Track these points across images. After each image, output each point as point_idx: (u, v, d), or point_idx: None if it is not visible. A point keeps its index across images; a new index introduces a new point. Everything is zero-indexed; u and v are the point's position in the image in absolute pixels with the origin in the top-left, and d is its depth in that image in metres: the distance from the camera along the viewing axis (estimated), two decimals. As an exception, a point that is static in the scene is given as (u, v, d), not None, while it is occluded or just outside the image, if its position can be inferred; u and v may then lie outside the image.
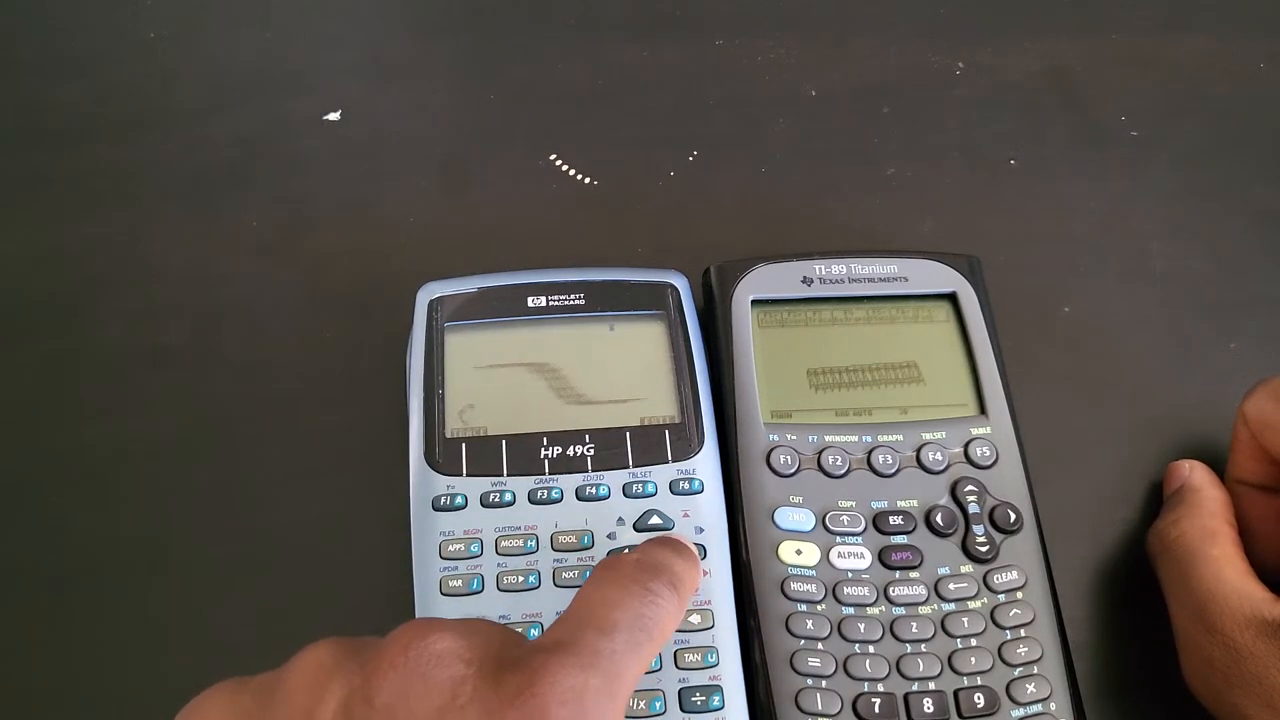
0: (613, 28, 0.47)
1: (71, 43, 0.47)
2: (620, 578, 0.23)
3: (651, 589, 0.23)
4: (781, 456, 0.32)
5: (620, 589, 0.23)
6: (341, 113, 0.44)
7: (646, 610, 0.22)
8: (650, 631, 0.22)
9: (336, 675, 0.20)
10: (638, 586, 0.23)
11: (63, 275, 0.40)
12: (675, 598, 0.23)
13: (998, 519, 0.32)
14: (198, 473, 0.36)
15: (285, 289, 0.40)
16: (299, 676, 0.20)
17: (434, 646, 0.20)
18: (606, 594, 0.23)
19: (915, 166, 0.43)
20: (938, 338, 0.35)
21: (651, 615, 0.23)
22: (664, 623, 0.23)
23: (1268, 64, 0.47)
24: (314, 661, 0.20)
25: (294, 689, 0.20)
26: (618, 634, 0.21)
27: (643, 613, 0.22)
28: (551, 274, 0.35)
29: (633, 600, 0.23)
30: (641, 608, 0.22)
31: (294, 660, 0.21)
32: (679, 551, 0.25)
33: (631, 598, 0.23)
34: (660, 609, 0.23)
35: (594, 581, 0.23)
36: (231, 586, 0.34)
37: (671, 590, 0.24)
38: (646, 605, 0.23)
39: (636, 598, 0.23)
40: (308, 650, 0.21)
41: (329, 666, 0.20)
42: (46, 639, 0.33)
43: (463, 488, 0.31)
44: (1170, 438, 0.37)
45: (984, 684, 0.29)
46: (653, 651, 0.22)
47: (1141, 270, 0.41)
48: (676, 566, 0.24)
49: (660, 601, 0.23)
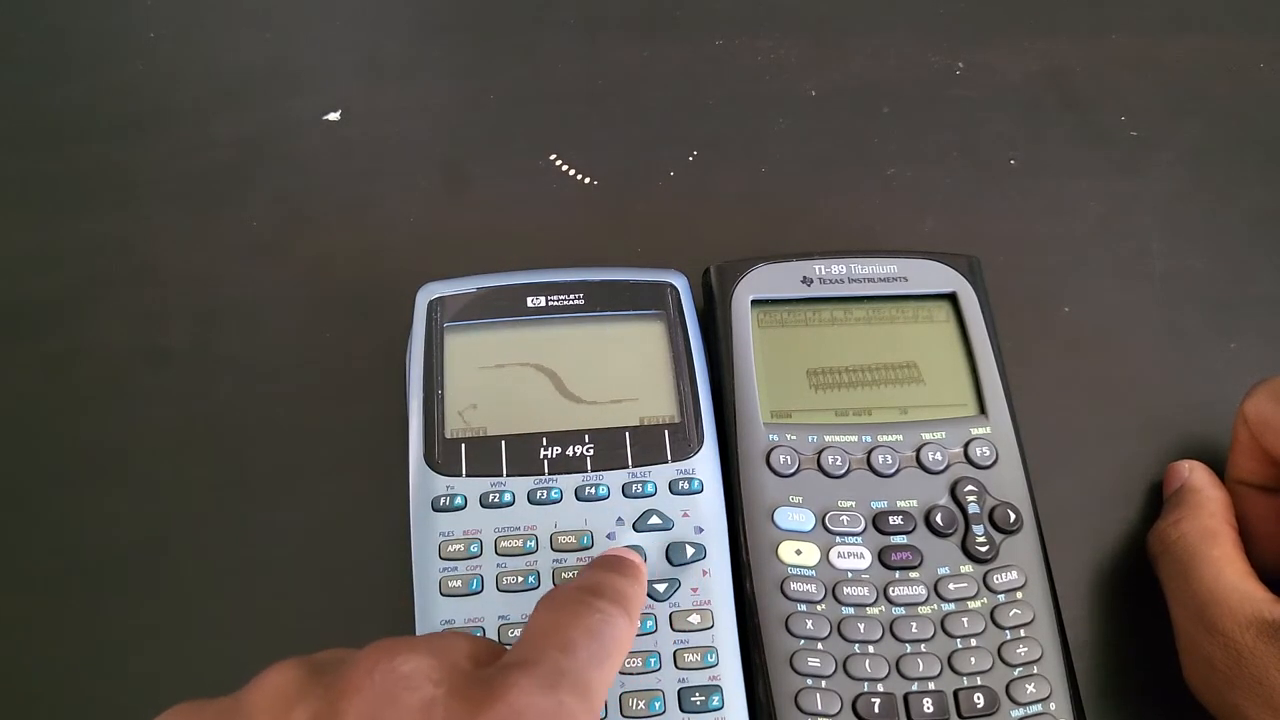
0: (613, 28, 0.47)
1: (71, 43, 0.47)
2: (566, 602, 0.23)
3: (597, 606, 0.23)
4: (781, 456, 0.32)
5: (568, 612, 0.23)
6: (341, 113, 0.44)
7: (598, 627, 0.22)
8: (607, 647, 0.22)
9: (301, 699, 0.19)
10: (584, 606, 0.23)
11: (63, 275, 0.40)
12: (623, 612, 0.23)
13: (997, 519, 0.32)
14: (198, 473, 0.36)
15: (285, 289, 0.40)
16: (261, 700, 0.19)
17: (401, 668, 0.19)
18: (557, 618, 0.23)
19: (915, 166, 0.43)
20: (937, 338, 0.35)
21: (605, 631, 0.22)
22: (618, 637, 0.23)
23: (1268, 64, 0.47)
24: (276, 684, 0.20)
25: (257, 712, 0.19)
26: (578, 651, 0.21)
27: (596, 629, 0.22)
28: (551, 274, 0.35)
29: (582, 620, 0.23)
30: (592, 625, 0.22)
31: (255, 683, 0.20)
32: (620, 569, 0.26)
33: (580, 618, 0.23)
34: (611, 624, 0.23)
35: (541, 609, 0.23)
36: (231, 586, 0.34)
37: (617, 606, 0.24)
38: (597, 622, 0.23)
39: (585, 617, 0.23)
40: (269, 672, 0.20)
41: (292, 691, 0.19)
42: (46, 639, 0.33)
43: (462, 488, 0.31)
44: (1170, 438, 0.37)
45: (984, 684, 0.29)
46: (614, 667, 0.22)
47: (1141, 270, 0.41)
48: (618, 584, 0.25)
49: (609, 618, 0.23)
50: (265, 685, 0.20)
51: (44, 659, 0.33)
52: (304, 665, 0.20)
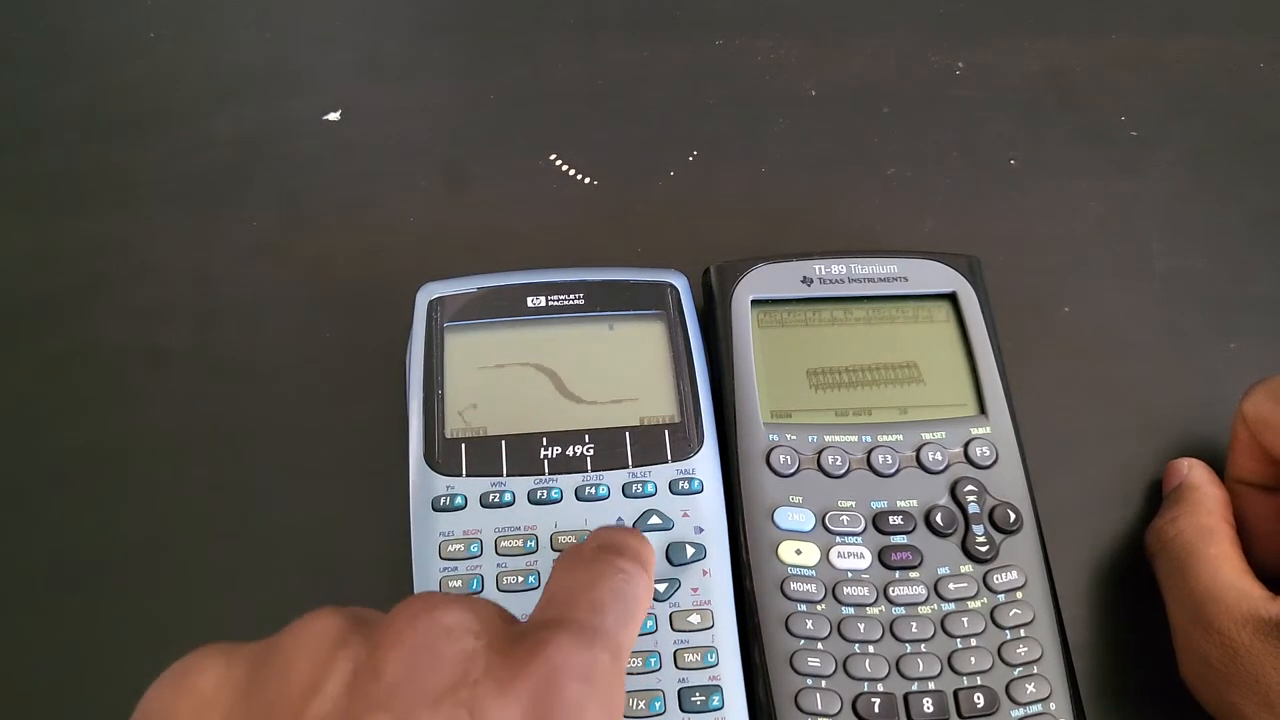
0: (613, 28, 0.47)
1: (71, 43, 0.47)
2: (586, 562, 0.23)
3: (619, 565, 0.23)
4: (781, 456, 0.32)
5: (591, 571, 0.23)
6: (341, 113, 0.44)
7: (622, 586, 0.22)
8: (630, 605, 0.22)
9: (341, 648, 0.19)
10: (607, 566, 0.23)
11: (63, 275, 0.40)
12: (643, 571, 0.23)
13: (997, 519, 0.32)
14: (198, 473, 0.36)
15: (285, 289, 0.40)
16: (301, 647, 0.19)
17: (443, 619, 0.19)
18: (579, 578, 0.22)
19: (915, 166, 0.43)
20: (937, 338, 0.35)
21: (628, 590, 0.22)
22: (640, 596, 0.23)
23: (1268, 64, 0.47)
24: (316, 631, 0.19)
25: (294, 660, 0.19)
26: (607, 611, 0.21)
27: (620, 589, 0.22)
28: (551, 274, 0.35)
29: (607, 579, 0.22)
30: (616, 584, 0.22)
31: (293, 628, 0.19)
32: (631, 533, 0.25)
33: (605, 577, 0.22)
34: (634, 582, 0.23)
35: (561, 570, 0.23)
36: (231, 586, 0.34)
37: (637, 564, 0.23)
38: (620, 581, 0.22)
39: (609, 576, 0.22)
40: (307, 619, 0.19)
41: (333, 638, 0.19)
42: (46, 639, 0.33)
43: (462, 488, 0.31)
44: (1170, 438, 0.37)
45: (984, 684, 0.29)
46: (637, 626, 0.22)
47: (1141, 270, 0.41)
48: (633, 543, 0.24)
49: (631, 577, 0.23)
50: (304, 631, 0.19)
51: (44, 659, 0.33)
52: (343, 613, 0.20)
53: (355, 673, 0.18)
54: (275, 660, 0.19)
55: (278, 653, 0.19)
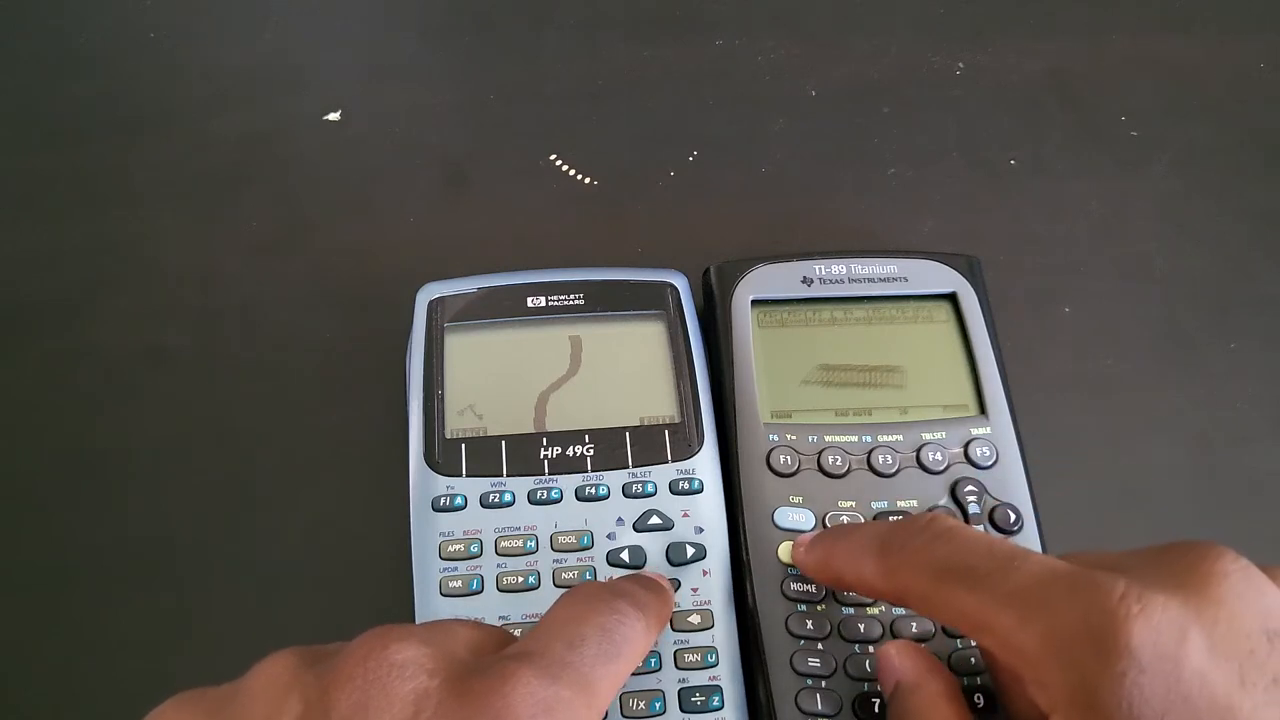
0: (613, 28, 0.47)
1: (72, 43, 0.47)
2: (587, 597, 0.24)
3: (616, 608, 0.23)
4: (781, 456, 0.32)
5: (586, 606, 0.23)
6: (341, 113, 0.44)
7: (612, 626, 0.23)
8: (619, 647, 0.22)
9: (294, 687, 0.19)
10: (603, 604, 0.23)
11: (63, 275, 0.40)
12: (641, 619, 0.24)
13: (998, 519, 0.32)
14: (198, 473, 0.36)
15: (285, 289, 0.40)
16: (257, 688, 0.20)
17: (394, 657, 0.20)
18: (573, 611, 0.23)
19: (915, 166, 0.43)
20: (937, 338, 0.35)
21: (618, 632, 0.23)
22: (633, 641, 0.23)
23: (1268, 64, 0.47)
24: (272, 672, 0.20)
25: (252, 701, 0.19)
26: (586, 646, 0.21)
27: (609, 628, 0.22)
28: (551, 274, 0.35)
29: (598, 616, 0.23)
30: (607, 623, 0.23)
31: (253, 671, 0.20)
32: (647, 585, 0.26)
33: (597, 614, 0.23)
34: (626, 626, 0.23)
35: (561, 602, 0.24)
36: (232, 586, 0.34)
37: (637, 611, 0.24)
38: (612, 622, 0.23)
39: (602, 614, 0.23)
40: (267, 661, 0.20)
41: (287, 679, 0.20)
42: (47, 639, 0.33)
43: (462, 488, 0.31)
44: (1170, 438, 0.37)
45: (983, 684, 0.29)
46: (624, 670, 0.22)
47: (1141, 270, 0.41)
48: (642, 594, 0.25)
49: (625, 620, 0.23)
50: (262, 674, 0.20)
51: (45, 659, 0.33)
52: (300, 654, 0.20)
53: (305, 712, 0.19)
54: (236, 701, 0.20)
55: (239, 694, 0.20)
